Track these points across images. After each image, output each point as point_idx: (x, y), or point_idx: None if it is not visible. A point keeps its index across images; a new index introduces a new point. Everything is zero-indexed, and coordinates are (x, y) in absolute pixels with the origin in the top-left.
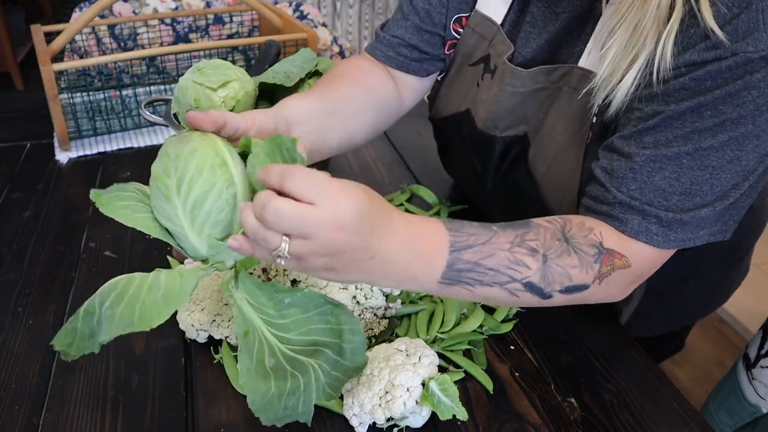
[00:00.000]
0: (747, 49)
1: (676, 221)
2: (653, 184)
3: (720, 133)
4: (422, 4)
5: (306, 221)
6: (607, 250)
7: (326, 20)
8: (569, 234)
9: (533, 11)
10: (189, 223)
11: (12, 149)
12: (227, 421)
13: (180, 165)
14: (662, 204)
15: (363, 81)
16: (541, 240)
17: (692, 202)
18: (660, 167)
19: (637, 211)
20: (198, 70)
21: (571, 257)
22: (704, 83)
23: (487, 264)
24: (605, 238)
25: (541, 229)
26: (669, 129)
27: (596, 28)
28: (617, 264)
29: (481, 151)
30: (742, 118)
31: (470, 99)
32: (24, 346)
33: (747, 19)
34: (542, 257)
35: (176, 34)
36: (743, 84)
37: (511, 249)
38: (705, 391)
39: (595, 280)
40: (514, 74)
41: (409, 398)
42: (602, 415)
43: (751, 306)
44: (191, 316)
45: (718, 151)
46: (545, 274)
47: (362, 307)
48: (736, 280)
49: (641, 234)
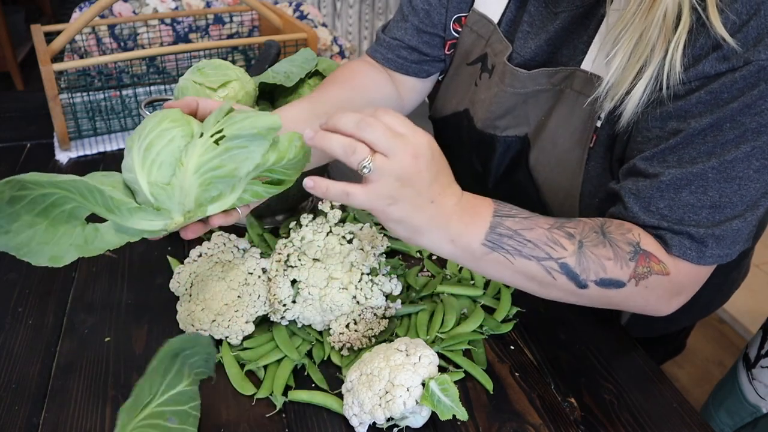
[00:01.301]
0: (759, 56)
1: (709, 236)
2: (681, 200)
3: (742, 144)
4: (422, 5)
5: (394, 138)
6: (644, 251)
7: (326, 20)
8: (607, 230)
9: (531, 10)
10: (140, 163)
11: (12, 149)
12: (227, 421)
13: (148, 123)
14: (692, 219)
15: (359, 84)
16: (579, 229)
17: (723, 214)
18: (686, 183)
19: (667, 229)
20: (198, 70)
21: (606, 249)
22: (721, 96)
23: (527, 235)
24: (643, 240)
25: (581, 222)
26: (691, 146)
27: (600, 31)
28: (654, 268)
29: (482, 150)
30: (762, 127)
31: (468, 99)
32: (24, 346)
33: (757, 26)
34: (578, 243)
35: (176, 34)
36: (759, 93)
37: (550, 229)
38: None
39: (631, 279)
40: (514, 75)
41: (409, 398)
42: (602, 415)
43: (751, 306)
44: (191, 316)
45: (743, 162)
46: (581, 260)
47: (362, 307)
48: (736, 281)
49: (675, 248)
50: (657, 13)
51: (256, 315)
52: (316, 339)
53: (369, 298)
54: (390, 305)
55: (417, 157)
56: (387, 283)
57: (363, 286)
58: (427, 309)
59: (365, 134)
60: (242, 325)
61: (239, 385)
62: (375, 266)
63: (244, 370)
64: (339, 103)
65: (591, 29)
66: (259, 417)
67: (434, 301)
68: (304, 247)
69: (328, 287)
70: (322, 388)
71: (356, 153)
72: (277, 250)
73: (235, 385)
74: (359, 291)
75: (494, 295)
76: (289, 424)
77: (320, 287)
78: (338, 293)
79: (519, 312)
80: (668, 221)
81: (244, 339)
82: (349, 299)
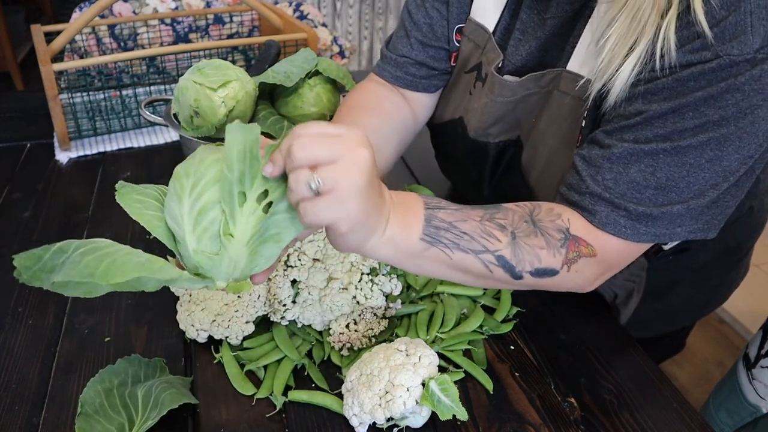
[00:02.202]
0: (731, 51)
1: (645, 215)
2: (628, 176)
3: (700, 133)
4: (423, 19)
5: (333, 141)
6: (573, 237)
7: (326, 20)
8: (537, 218)
9: (523, 17)
10: (191, 227)
11: (12, 149)
12: (227, 421)
13: (201, 169)
14: (635, 197)
15: (382, 110)
16: (509, 220)
17: (666, 197)
18: (636, 160)
19: (607, 202)
20: (198, 70)
21: (539, 239)
22: (687, 84)
23: (462, 227)
24: (572, 225)
25: (510, 211)
26: (650, 128)
27: (589, 24)
28: (583, 251)
29: (476, 158)
30: (724, 120)
31: (463, 107)
32: (24, 346)
33: (735, 21)
34: (511, 234)
35: (176, 34)
36: (726, 86)
37: (482, 222)
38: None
39: (563, 266)
40: (503, 85)
41: (409, 398)
42: (602, 415)
43: (751, 306)
44: (191, 316)
45: (696, 150)
46: (515, 251)
47: (362, 307)
48: (735, 281)
49: (609, 226)
50: None
51: (256, 315)
52: (316, 339)
53: (369, 298)
54: (390, 305)
55: (364, 144)
56: (387, 283)
57: (363, 286)
58: (427, 309)
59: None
60: (242, 325)
61: (239, 385)
62: (375, 266)
63: (244, 370)
64: (372, 132)
65: (578, 29)
66: (259, 417)
67: (434, 301)
68: (304, 247)
69: (328, 287)
70: (322, 388)
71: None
72: None
73: (235, 385)
74: (359, 291)
75: (494, 295)
76: (289, 424)
77: (320, 287)
78: (338, 293)
79: (519, 312)
80: (611, 193)
81: (244, 339)
82: (349, 299)
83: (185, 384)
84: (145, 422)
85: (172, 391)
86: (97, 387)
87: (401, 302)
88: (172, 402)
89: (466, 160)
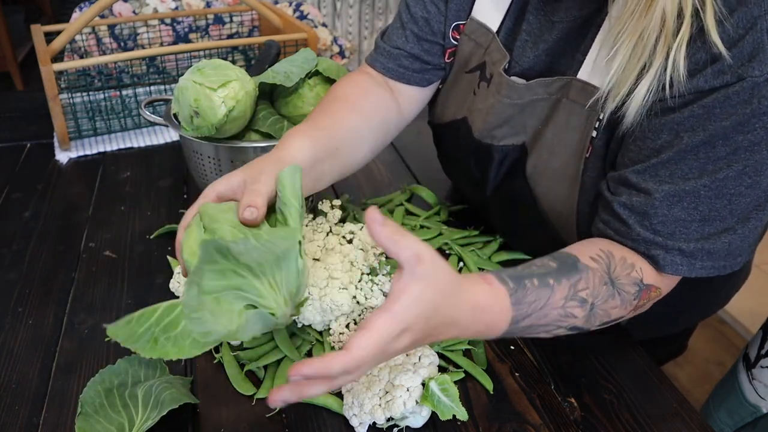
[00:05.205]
0: (753, 73)
1: (699, 250)
2: (673, 216)
3: (735, 162)
4: (421, 13)
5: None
6: (646, 286)
7: (326, 20)
8: (614, 275)
9: (530, 19)
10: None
11: (12, 149)
12: (227, 421)
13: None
14: (683, 234)
15: (363, 106)
16: (590, 288)
17: (712, 227)
18: (678, 201)
19: (659, 246)
20: (198, 70)
21: (615, 300)
22: (713, 111)
23: (540, 323)
24: (645, 274)
25: (590, 272)
26: (684, 162)
27: (598, 37)
28: (652, 296)
29: (479, 159)
30: (755, 146)
31: (467, 107)
32: (24, 346)
33: (752, 41)
34: (590, 306)
35: (176, 34)
36: (752, 112)
37: (564, 305)
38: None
39: (630, 312)
40: (511, 87)
41: (409, 398)
42: (602, 415)
43: (751, 306)
44: None
45: (734, 180)
46: (589, 318)
47: (362, 307)
48: (736, 285)
49: (668, 267)
50: (655, 13)
51: None
52: (316, 339)
53: (369, 298)
54: None
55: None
56: (387, 283)
57: (363, 286)
58: None
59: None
60: None
61: (239, 385)
62: (375, 266)
63: (244, 370)
64: (348, 131)
65: (588, 39)
66: (259, 417)
67: None
68: (304, 247)
69: (328, 287)
70: None
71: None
72: None
73: (235, 385)
74: (359, 291)
75: None
76: (289, 424)
77: (320, 287)
78: (338, 293)
79: None
80: (661, 236)
81: None
82: (349, 299)
83: (185, 384)
84: (145, 422)
85: (172, 391)
86: (97, 387)
87: None
88: (172, 402)
89: (469, 161)
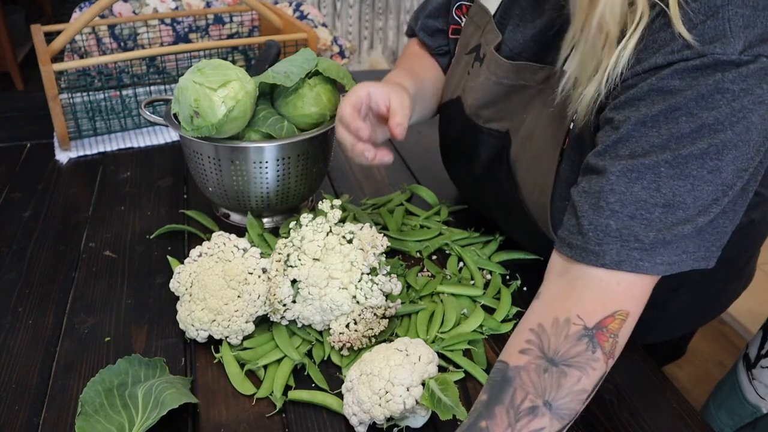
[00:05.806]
0: (715, 51)
1: (659, 242)
2: (633, 195)
3: (698, 140)
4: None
5: None
6: (596, 328)
7: (326, 20)
8: (552, 351)
9: (522, 3)
10: None
11: (12, 149)
12: (227, 421)
13: None
14: (645, 217)
15: (435, 66)
16: (531, 391)
17: (675, 216)
18: (638, 177)
19: (614, 237)
20: (198, 70)
21: (569, 377)
22: (672, 82)
23: None
24: (585, 314)
25: (522, 373)
26: (644, 137)
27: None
28: (614, 328)
29: (467, 139)
30: (719, 124)
31: (462, 86)
32: (24, 346)
33: (714, 26)
34: (545, 407)
35: (176, 34)
36: (714, 84)
37: None
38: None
39: (606, 363)
40: (497, 63)
41: (409, 398)
42: (602, 415)
43: (751, 306)
44: (191, 315)
45: (697, 160)
46: (559, 414)
47: (362, 307)
48: (736, 291)
49: (624, 263)
50: (597, 11)
51: (256, 315)
52: (316, 339)
53: (369, 298)
54: (390, 305)
55: None
56: (387, 282)
57: (363, 285)
58: (427, 309)
59: None
60: (242, 325)
61: (239, 385)
62: (375, 266)
63: (244, 370)
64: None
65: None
66: (259, 417)
67: (434, 301)
68: (304, 247)
69: (327, 287)
70: (322, 388)
71: None
72: (277, 250)
73: (235, 385)
74: (359, 291)
75: (494, 295)
76: (289, 424)
77: (320, 287)
78: (338, 293)
79: (519, 312)
80: (618, 219)
81: (244, 339)
82: (349, 299)
83: (185, 384)
84: (145, 422)
85: (172, 391)
86: (97, 387)
87: (401, 302)
88: (172, 402)
89: (459, 143)
